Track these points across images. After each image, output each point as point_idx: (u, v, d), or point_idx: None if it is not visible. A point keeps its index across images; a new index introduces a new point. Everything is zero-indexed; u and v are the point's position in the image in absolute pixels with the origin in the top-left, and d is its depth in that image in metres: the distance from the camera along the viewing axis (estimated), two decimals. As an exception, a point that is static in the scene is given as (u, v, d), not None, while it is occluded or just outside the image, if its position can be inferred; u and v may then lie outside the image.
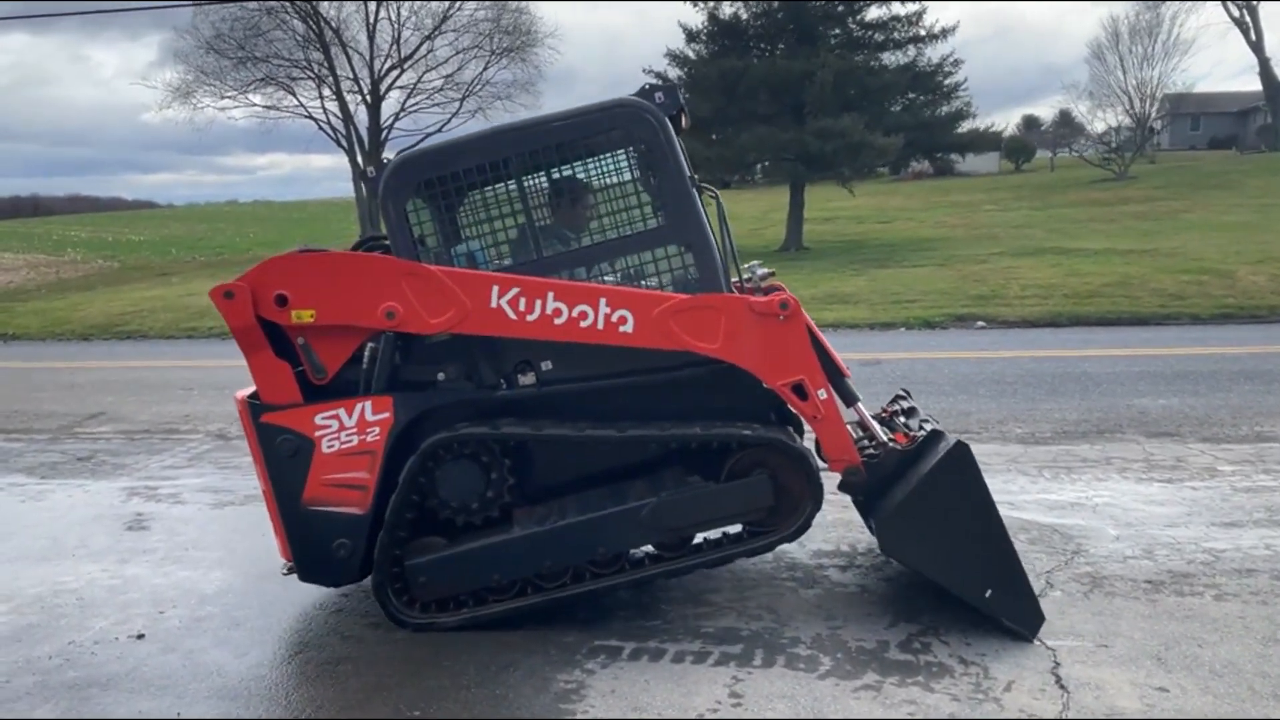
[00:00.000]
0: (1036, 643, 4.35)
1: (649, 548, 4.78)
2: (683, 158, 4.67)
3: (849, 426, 4.80)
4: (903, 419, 5.23)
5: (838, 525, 5.92)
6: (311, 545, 4.72)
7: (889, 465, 4.69)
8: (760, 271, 4.83)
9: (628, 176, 4.91)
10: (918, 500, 4.42)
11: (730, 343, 4.52)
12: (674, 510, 4.57)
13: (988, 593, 4.39)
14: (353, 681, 4.29)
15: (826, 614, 4.76)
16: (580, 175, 5.07)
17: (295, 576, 4.86)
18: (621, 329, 4.52)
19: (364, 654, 4.54)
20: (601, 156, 5.03)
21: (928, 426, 4.90)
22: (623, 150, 4.92)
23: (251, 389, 4.78)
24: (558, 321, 4.52)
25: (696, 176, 4.75)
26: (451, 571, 4.63)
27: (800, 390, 4.56)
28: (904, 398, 5.60)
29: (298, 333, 4.65)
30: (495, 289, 4.52)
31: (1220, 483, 6.62)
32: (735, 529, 4.80)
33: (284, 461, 4.66)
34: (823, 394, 4.57)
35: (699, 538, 4.82)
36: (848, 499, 5.24)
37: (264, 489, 4.80)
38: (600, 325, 4.51)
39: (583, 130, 4.72)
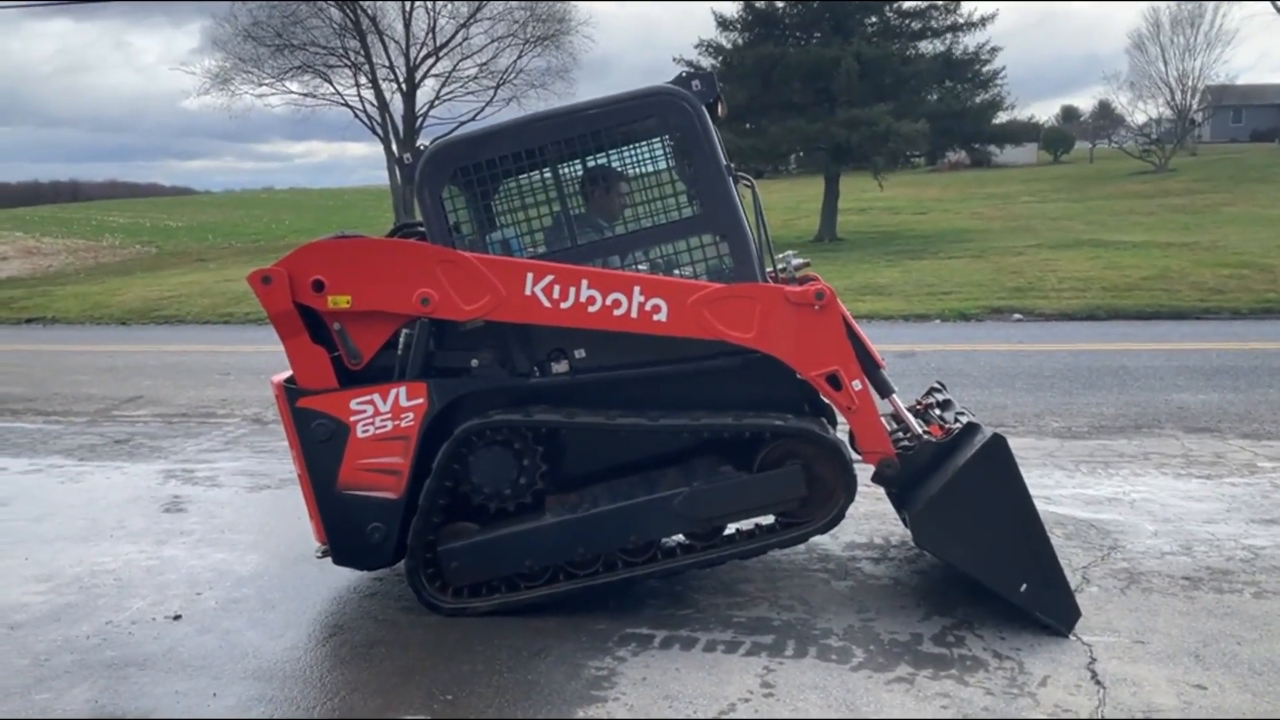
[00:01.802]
0: (1072, 638, 4.31)
1: (681, 538, 4.77)
2: (719, 146, 4.64)
3: (883, 418, 4.77)
4: (938, 411, 5.19)
5: (870, 517, 5.89)
6: (346, 529, 4.75)
7: (924, 457, 4.66)
8: (795, 261, 4.80)
9: (663, 165, 4.88)
10: (953, 493, 4.38)
11: (765, 332, 4.50)
12: (706, 500, 4.56)
13: (1023, 587, 4.35)
14: (386, 664, 4.32)
15: (859, 606, 4.74)
16: (616, 163, 5.05)
17: (330, 560, 4.89)
18: (655, 318, 4.51)
19: (397, 638, 4.57)
20: (637, 145, 5.02)
21: (963, 419, 4.86)
22: (659, 138, 4.90)
23: (288, 373, 4.82)
24: (591, 309, 4.51)
25: (732, 165, 4.73)
26: (484, 557, 4.65)
27: (834, 381, 4.53)
28: (939, 390, 5.56)
29: (334, 318, 4.68)
30: (529, 276, 4.52)
31: (1260, 479, 6.53)
32: (768, 520, 4.78)
33: (319, 445, 4.69)
34: (857, 385, 4.55)
35: (732, 529, 4.81)
36: (881, 491, 5.20)
37: (299, 472, 4.84)
38: (634, 314, 4.51)
39: (619, 118, 4.70)
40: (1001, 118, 30.15)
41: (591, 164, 4.95)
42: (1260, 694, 3.83)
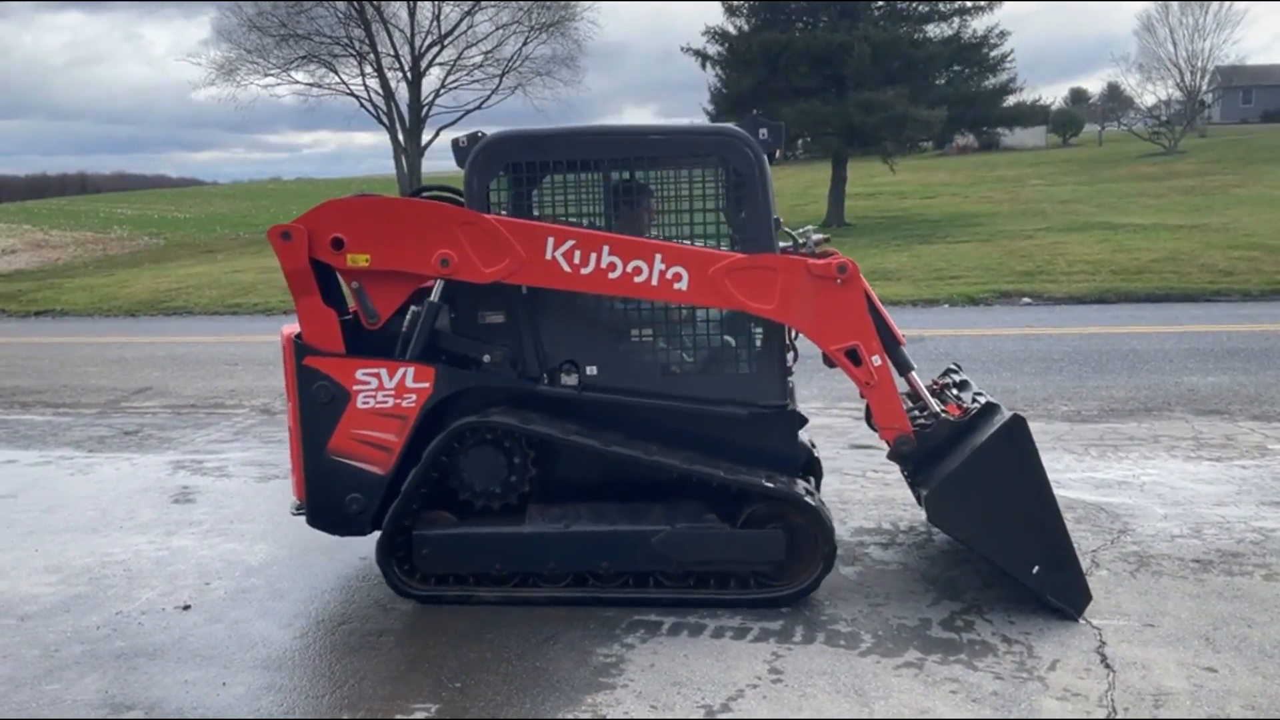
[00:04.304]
0: (1081, 622, 4.30)
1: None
2: (772, 196, 4.61)
3: (901, 396, 4.75)
4: (955, 391, 5.17)
5: (879, 503, 5.88)
6: (326, 493, 4.74)
7: (940, 436, 4.64)
8: (815, 237, 4.77)
9: (713, 204, 4.81)
10: (969, 471, 4.36)
11: (785, 304, 4.47)
12: (684, 544, 4.52)
13: (1035, 569, 4.34)
14: (395, 653, 4.33)
15: (867, 591, 4.73)
16: (671, 194, 4.98)
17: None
18: (676, 286, 4.47)
19: (405, 626, 4.58)
20: (693, 179, 4.88)
21: (982, 399, 4.84)
22: (714, 177, 4.81)
23: (299, 328, 4.81)
24: (612, 276, 4.48)
25: (780, 218, 4.71)
26: (456, 550, 4.66)
27: (854, 356, 4.51)
28: (955, 371, 5.54)
29: (352, 277, 4.67)
30: (551, 240, 4.48)
31: (1271, 461, 6.51)
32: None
33: (318, 407, 4.68)
34: (876, 360, 4.53)
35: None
36: (890, 477, 5.20)
37: (291, 426, 4.84)
38: (654, 281, 4.47)
39: (680, 149, 4.72)
40: (1010, 100, 30.00)
41: (640, 186, 4.88)
42: (1271, 676, 3.81)
